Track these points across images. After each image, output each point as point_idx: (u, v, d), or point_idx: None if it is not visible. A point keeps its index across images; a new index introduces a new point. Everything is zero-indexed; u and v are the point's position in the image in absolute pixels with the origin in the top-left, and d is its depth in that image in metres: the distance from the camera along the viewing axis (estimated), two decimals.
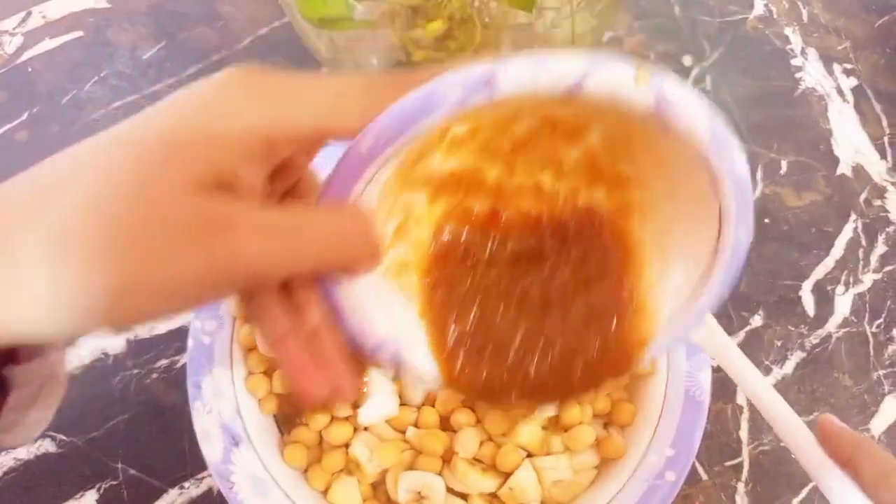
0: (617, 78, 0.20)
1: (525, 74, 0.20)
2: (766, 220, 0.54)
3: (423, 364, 0.27)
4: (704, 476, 0.45)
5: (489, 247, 0.27)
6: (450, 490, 0.37)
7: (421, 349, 0.27)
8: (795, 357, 0.50)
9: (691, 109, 0.21)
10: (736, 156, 0.22)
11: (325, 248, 0.21)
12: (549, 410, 0.38)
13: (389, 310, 0.26)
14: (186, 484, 0.44)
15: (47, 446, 0.45)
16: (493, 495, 0.36)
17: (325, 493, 0.38)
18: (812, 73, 0.60)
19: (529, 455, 0.38)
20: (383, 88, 0.21)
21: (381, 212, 0.25)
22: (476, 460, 0.36)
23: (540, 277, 0.27)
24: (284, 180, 0.24)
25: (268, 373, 0.40)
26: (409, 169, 0.25)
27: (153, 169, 0.20)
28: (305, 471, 0.39)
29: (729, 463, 0.46)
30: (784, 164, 0.56)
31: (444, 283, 0.28)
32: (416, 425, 0.39)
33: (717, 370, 0.37)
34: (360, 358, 0.25)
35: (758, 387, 0.34)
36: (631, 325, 0.27)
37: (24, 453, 0.45)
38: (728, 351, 0.36)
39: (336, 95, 0.21)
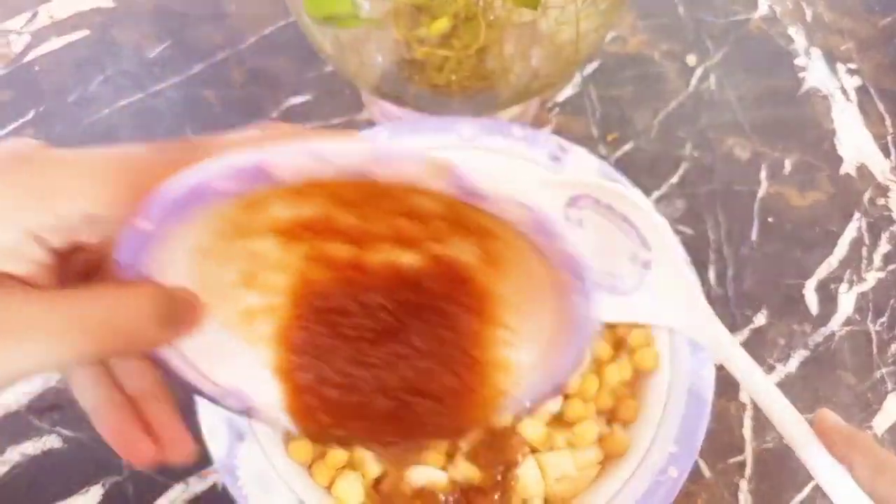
0: (407, 170, 0.19)
1: (302, 164, 0.18)
2: (770, 220, 0.54)
3: (272, 410, 0.27)
4: (708, 473, 0.46)
5: (349, 297, 0.27)
6: (453, 484, 0.37)
7: (269, 395, 0.27)
8: (799, 355, 0.50)
9: (504, 199, 0.19)
10: (563, 239, 0.21)
11: (110, 334, 0.20)
12: (553, 406, 0.38)
13: (232, 358, 0.26)
14: (191, 480, 0.44)
15: (53, 442, 0.45)
16: (497, 490, 0.36)
17: (329, 488, 0.38)
18: (816, 73, 0.60)
19: (533, 451, 0.38)
20: (157, 169, 0.20)
21: (207, 265, 0.24)
22: (479, 455, 0.36)
23: (398, 331, 0.27)
24: (85, 253, 0.23)
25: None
26: (239, 219, 0.23)
27: None
28: (310, 466, 0.39)
29: (732, 460, 0.46)
30: (788, 164, 0.56)
31: (301, 330, 0.27)
32: None
33: (720, 367, 0.37)
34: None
35: (759, 383, 0.34)
36: (487, 378, 0.27)
37: (31, 449, 0.45)
38: (730, 349, 0.36)
39: (100, 178, 0.20)
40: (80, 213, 0.20)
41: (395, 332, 0.27)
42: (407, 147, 0.19)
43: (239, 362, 0.27)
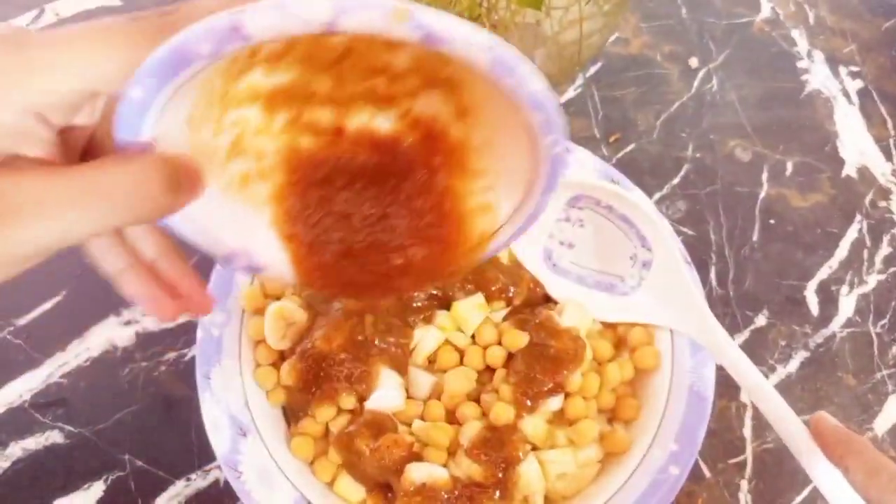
0: (371, 18, 0.20)
1: (272, 20, 0.20)
2: (772, 221, 0.54)
3: (278, 266, 0.29)
4: (708, 473, 0.46)
5: (335, 157, 0.28)
6: (455, 480, 0.37)
7: (273, 253, 0.29)
8: (799, 356, 0.50)
9: (463, 40, 0.20)
10: (524, 75, 0.22)
11: (122, 204, 0.21)
12: (555, 404, 0.38)
13: (237, 221, 0.28)
14: (193, 475, 0.45)
15: (55, 437, 0.45)
16: (498, 487, 0.37)
17: (331, 484, 0.39)
18: (818, 75, 0.61)
19: (534, 448, 0.38)
20: (138, 38, 0.21)
21: (201, 135, 0.25)
22: (480, 452, 0.36)
23: (383, 183, 0.28)
24: (80, 133, 0.24)
25: (276, 365, 0.40)
26: (225, 87, 0.25)
27: None
28: (312, 462, 0.39)
29: (732, 460, 0.46)
30: (790, 165, 0.57)
31: (294, 189, 0.28)
32: (422, 418, 0.39)
33: (721, 367, 0.38)
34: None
35: (757, 385, 0.35)
36: (471, 221, 0.28)
37: (33, 444, 0.45)
38: (727, 350, 0.36)
39: (92, 50, 0.21)
40: (78, 89, 0.21)
41: (378, 195, 0.28)
42: None
43: (243, 224, 0.28)
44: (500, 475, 0.36)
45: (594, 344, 0.41)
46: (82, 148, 0.24)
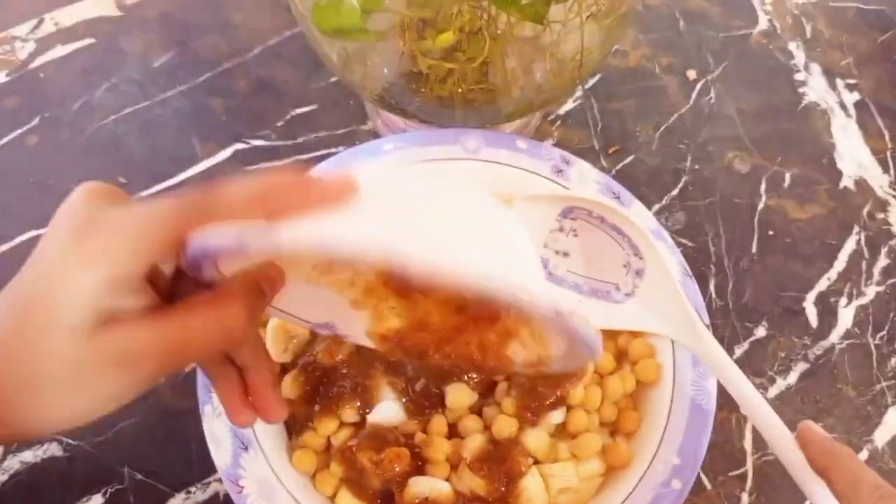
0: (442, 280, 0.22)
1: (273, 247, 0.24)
2: (770, 233, 0.54)
3: (359, 337, 0.35)
4: (709, 486, 0.46)
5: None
6: (457, 495, 0.37)
7: (355, 326, 0.35)
8: (799, 368, 0.50)
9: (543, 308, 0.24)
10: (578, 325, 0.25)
11: (211, 342, 0.26)
12: (557, 417, 0.38)
13: (321, 302, 0.33)
14: (192, 489, 0.44)
15: (53, 450, 0.45)
16: (501, 502, 0.37)
17: (333, 498, 0.38)
18: (815, 88, 0.61)
19: (536, 462, 0.38)
20: (181, 221, 0.24)
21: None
22: (482, 466, 0.36)
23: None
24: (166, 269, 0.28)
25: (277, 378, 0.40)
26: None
27: (31, 328, 0.23)
28: (313, 476, 0.39)
29: (733, 473, 0.46)
30: (787, 177, 0.57)
31: (381, 291, 0.34)
32: (424, 431, 0.39)
33: None
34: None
35: (746, 394, 0.35)
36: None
37: (31, 457, 0.45)
38: (718, 357, 0.36)
39: (141, 238, 0.24)
40: (136, 270, 0.24)
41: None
42: (428, 252, 0.23)
43: (325, 304, 0.34)
44: (503, 489, 0.36)
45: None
46: (171, 276, 0.28)
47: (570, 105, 0.59)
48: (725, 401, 0.36)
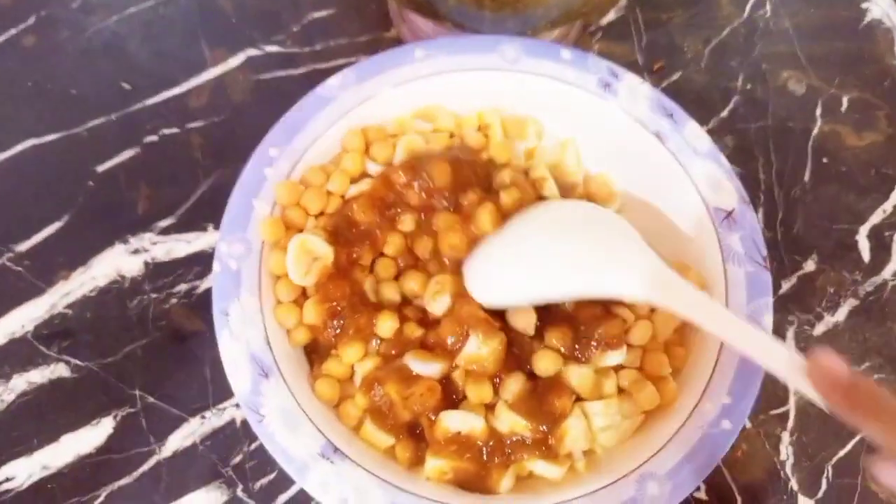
0: None
1: None
2: (825, 160, 0.50)
3: None
4: (749, 424, 0.43)
5: None
6: (492, 431, 0.35)
7: None
8: (848, 304, 0.47)
9: None
10: None
11: None
12: (614, 358, 0.35)
13: None
14: (207, 413, 0.42)
15: (61, 371, 0.43)
16: (543, 443, 0.34)
17: (357, 429, 0.36)
18: (880, 4, 0.56)
19: (578, 399, 0.35)
20: None
21: None
22: (524, 405, 0.34)
23: None
24: None
25: (298, 302, 0.37)
26: None
27: None
28: (337, 405, 0.37)
29: (774, 412, 0.44)
30: (845, 101, 0.52)
31: None
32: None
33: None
34: None
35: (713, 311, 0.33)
36: None
37: (38, 377, 0.43)
38: (687, 294, 0.33)
39: None
40: None
41: None
42: None
43: None
44: (545, 429, 0.34)
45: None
46: None
47: (612, 16, 0.54)
48: None
